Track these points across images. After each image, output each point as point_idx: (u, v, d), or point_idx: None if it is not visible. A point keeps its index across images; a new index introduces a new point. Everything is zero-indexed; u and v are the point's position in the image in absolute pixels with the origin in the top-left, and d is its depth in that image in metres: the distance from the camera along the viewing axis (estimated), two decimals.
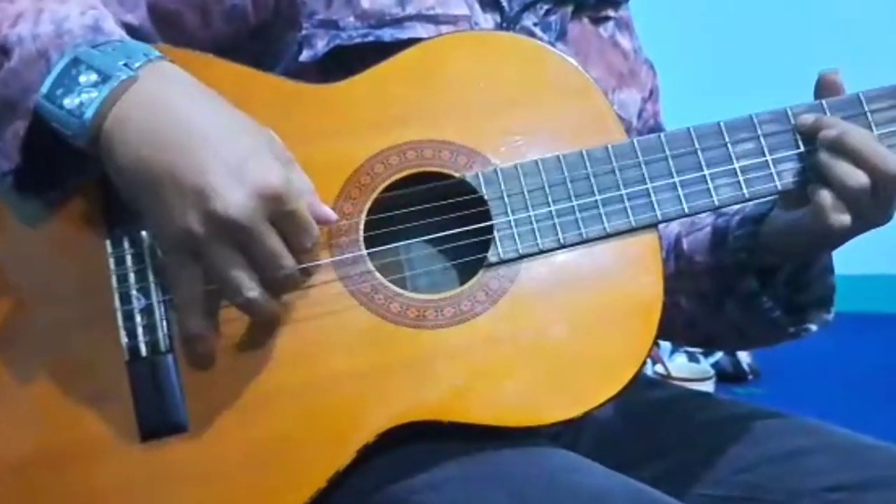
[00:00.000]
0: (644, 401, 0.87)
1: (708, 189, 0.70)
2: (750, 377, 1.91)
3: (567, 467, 0.63)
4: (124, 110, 0.58)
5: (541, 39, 0.79)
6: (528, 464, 0.63)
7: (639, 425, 0.84)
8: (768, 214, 0.77)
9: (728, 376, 1.85)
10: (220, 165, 0.56)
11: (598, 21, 0.87)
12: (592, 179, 0.69)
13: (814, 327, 0.81)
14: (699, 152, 0.70)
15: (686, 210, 0.70)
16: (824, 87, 0.73)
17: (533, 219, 0.67)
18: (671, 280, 0.82)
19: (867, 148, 0.67)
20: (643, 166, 0.69)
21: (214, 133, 0.58)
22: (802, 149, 0.71)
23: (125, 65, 0.59)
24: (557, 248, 0.67)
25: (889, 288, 2.83)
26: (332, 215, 0.64)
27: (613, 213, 0.68)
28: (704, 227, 0.84)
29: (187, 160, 0.57)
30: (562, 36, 0.82)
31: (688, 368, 1.55)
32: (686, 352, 1.77)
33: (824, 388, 1.93)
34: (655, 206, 0.69)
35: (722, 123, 0.71)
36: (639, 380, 0.96)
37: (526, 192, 0.68)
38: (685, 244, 0.85)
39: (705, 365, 1.74)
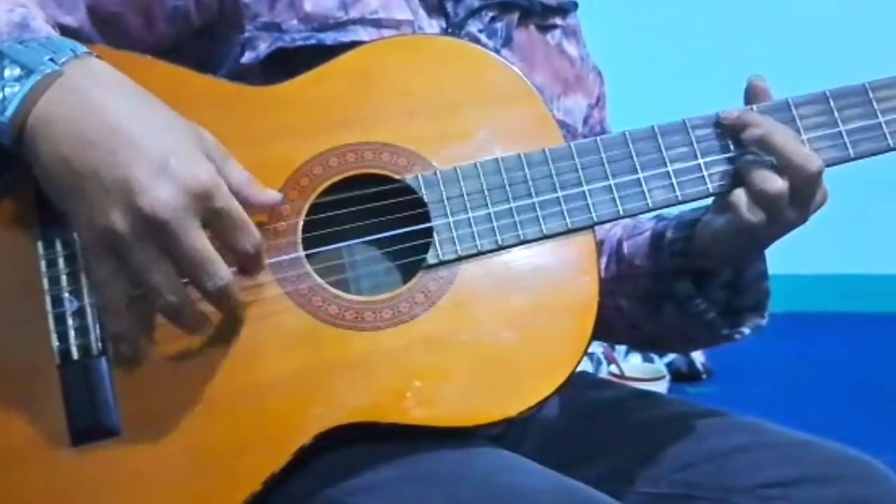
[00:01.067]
0: (590, 401, 0.88)
1: (642, 191, 0.71)
2: (703, 376, 1.94)
3: (503, 467, 0.64)
4: (48, 106, 0.57)
5: (486, 45, 0.79)
6: (464, 464, 0.63)
7: (584, 425, 0.85)
8: (701, 219, 0.78)
9: (682, 376, 1.88)
10: (146, 162, 0.56)
11: (545, 28, 0.88)
12: (530, 182, 0.70)
13: (747, 331, 0.82)
14: (634, 155, 0.72)
15: (621, 212, 0.71)
16: (753, 94, 0.75)
17: (472, 221, 0.68)
18: (613, 283, 0.85)
19: (790, 147, 0.69)
20: (579, 169, 0.70)
21: (140, 130, 0.57)
22: (733, 152, 0.72)
23: (50, 59, 0.58)
24: (496, 250, 0.68)
25: (843, 288, 2.89)
26: (276, 196, 0.63)
27: (550, 216, 0.69)
28: (644, 232, 0.86)
29: (112, 157, 0.56)
30: (507, 42, 0.83)
31: (641, 368, 1.57)
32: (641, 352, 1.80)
33: (775, 386, 1.97)
34: (591, 208, 0.70)
35: (656, 127, 0.73)
36: (587, 380, 0.98)
37: (465, 195, 0.68)
38: (626, 248, 0.86)
39: (659, 365, 1.77)
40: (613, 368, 1.48)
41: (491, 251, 0.68)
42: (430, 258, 0.67)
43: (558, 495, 0.62)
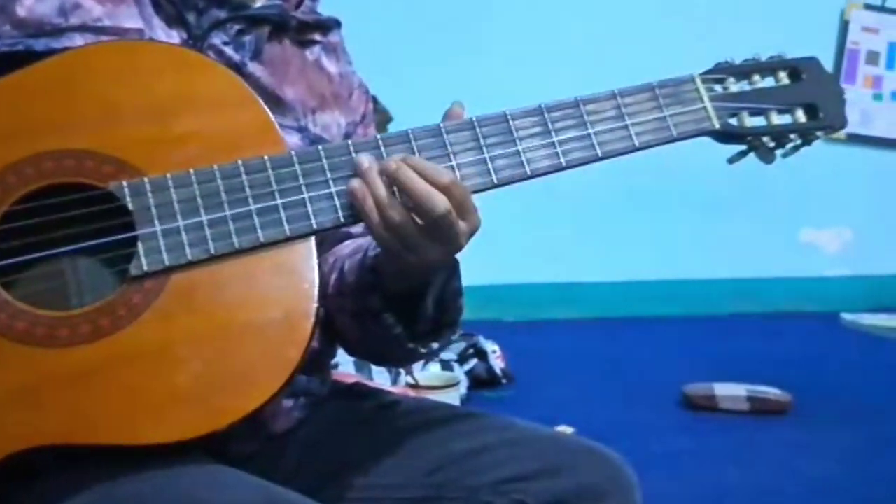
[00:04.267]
0: (350, 411, 0.88)
1: None
2: (504, 381, 1.99)
3: (209, 483, 0.62)
4: None
5: (231, 58, 0.78)
6: (168, 483, 0.61)
7: (341, 436, 0.85)
8: None
9: (482, 382, 1.92)
10: None
11: (304, 44, 0.88)
12: (248, 190, 0.68)
13: (436, 345, 0.84)
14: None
15: (342, 219, 0.71)
16: (449, 117, 0.76)
17: (182, 229, 0.66)
18: (338, 299, 0.85)
19: (416, 189, 0.70)
20: (300, 177, 0.70)
21: None
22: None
23: None
24: (208, 259, 0.66)
25: (638, 294, 3.10)
26: None
27: (268, 223, 0.68)
28: (363, 250, 0.86)
29: None
30: (257, 55, 0.81)
31: (437, 377, 1.60)
32: (441, 360, 1.83)
33: (575, 388, 2.06)
34: (311, 215, 0.70)
35: (379, 138, 0.73)
36: (353, 390, 0.98)
37: (176, 203, 0.66)
38: (346, 265, 0.86)
39: (458, 373, 1.80)
40: (409, 378, 1.50)
41: (203, 261, 0.66)
42: (134, 269, 0.64)
43: None
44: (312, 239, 0.70)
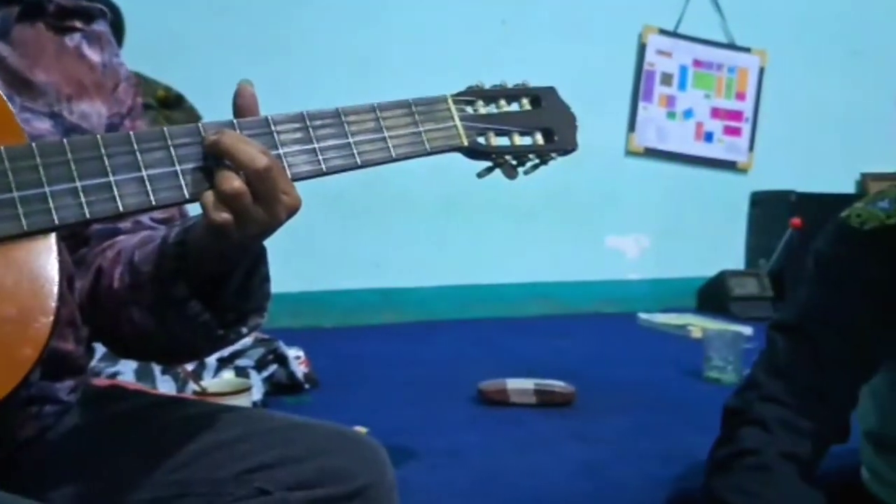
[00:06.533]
0: (109, 415, 0.86)
1: (113, 195, 0.70)
2: (307, 386, 2.00)
3: None
4: None
5: None
6: None
7: (90, 443, 0.83)
8: (198, 222, 0.80)
9: (283, 387, 1.92)
10: None
11: (63, 30, 0.86)
12: None
13: (246, 330, 0.85)
14: (105, 159, 0.71)
15: (87, 215, 0.69)
16: (240, 109, 0.78)
17: None
18: (125, 292, 0.84)
19: (235, 147, 0.73)
20: (41, 170, 0.68)
21: None
22: (209, 160, 0.74)
23: None
24: None
25: (452, 298, 3.20)
26: None
27: (4, 218, 0.65)
28: (157, 239, 0.85)
29: None
30: (4, 35, 0.79)
31: (228, 383, 1.58)
32: (236, 367, 1.81)
33: (378, 391, 2.10)
34: (53, 211, 0.68)
35: (132, 134, 0.73)
36: (107, 394, 0.95)
37: None
38: (137, 256, 0.85)
39: (255, 379, 1.78)
40: (195, 386, 1.48)
41: None
42: None
43: None
44: (53, 236, 0.68)
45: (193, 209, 0.80)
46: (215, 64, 2.65)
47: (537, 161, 0.96)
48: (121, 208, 0.71)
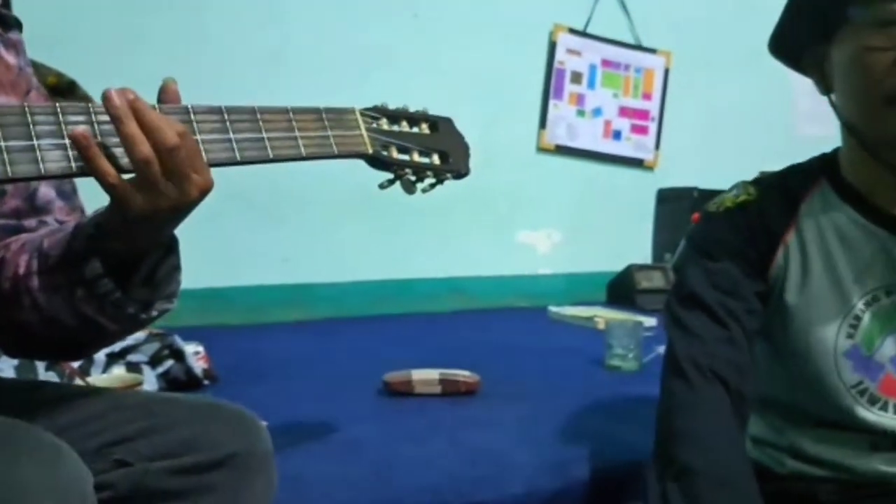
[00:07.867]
0: None
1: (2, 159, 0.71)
2: (206, 382, 1.95)
3: None
4: None
5: None
6: None
7: None
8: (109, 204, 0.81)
9: (181, 384, 1.86)
10: None
11: None
12: None
13: (155, 313, 0.88)
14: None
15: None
16: (164, 94, 0.82)
17: None
18: (31, 278, 0.84)
19: (152, 114, 0.75)
20: None
21: None
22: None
23: None
24: None
25: (363, 294, 3.18)
26: None
27: None
28: (67, 229, 0.87)
29: None
30: None
31: (117, 378, 1.52)
32: (128, 363, 1.75)
33: (283, 386, 2.07)
34: None
35: (27, 105, 0.74)
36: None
37: None
38: (46, 243, 0.86)
39: (149, 375, 1.73)
40: (81, 382, 1.42)
41: None
42: None
43: None
44: None
45: None
46: (110, 53, 2.57)
47: (434, 180, 1.08)
48: (10, 174, 0.72)
